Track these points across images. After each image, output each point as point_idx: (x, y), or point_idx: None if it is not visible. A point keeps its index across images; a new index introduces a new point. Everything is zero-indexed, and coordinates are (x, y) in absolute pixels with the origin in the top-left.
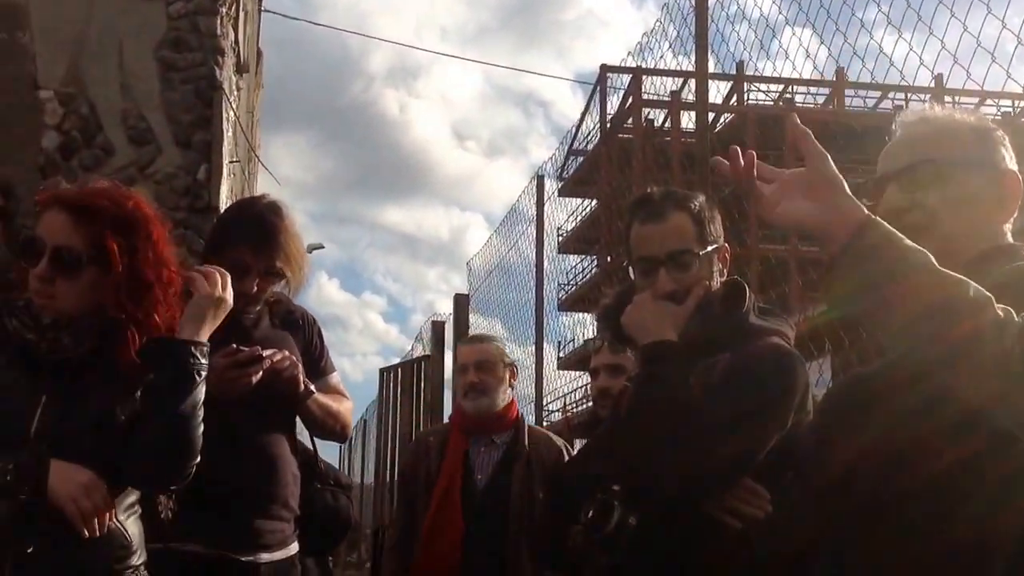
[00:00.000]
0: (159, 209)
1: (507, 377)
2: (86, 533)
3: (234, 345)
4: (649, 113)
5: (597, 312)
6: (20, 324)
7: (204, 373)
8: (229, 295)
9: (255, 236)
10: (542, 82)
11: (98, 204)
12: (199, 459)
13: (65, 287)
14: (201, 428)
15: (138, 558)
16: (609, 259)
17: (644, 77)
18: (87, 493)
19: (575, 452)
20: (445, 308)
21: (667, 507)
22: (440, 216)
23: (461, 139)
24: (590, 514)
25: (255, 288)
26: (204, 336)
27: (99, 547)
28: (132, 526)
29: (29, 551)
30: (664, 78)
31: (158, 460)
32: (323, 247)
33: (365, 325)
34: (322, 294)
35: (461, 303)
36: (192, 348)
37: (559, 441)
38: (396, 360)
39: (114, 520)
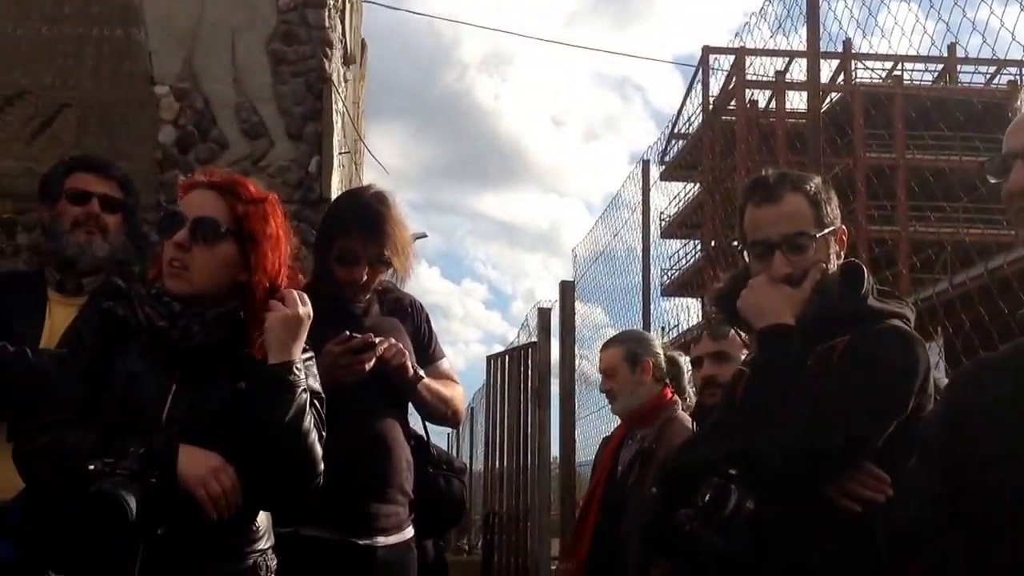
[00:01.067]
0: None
1: (639, 373)
2: (215, 515)
3: (347, 332)
4: (753, 94)
5: (710, 297)
6: (153, 312)
7: (301, 387)
8: (308, 310)
9: (364, 225)
10: (638, 66)
11: (240, 184)
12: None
13: (201, 257)
14: (315, 440)
15: (265, 542)
16: (713, 244)
17: (746, 57)
18: (216, 476)
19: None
20: (546, 294)
21: (785, 491)
22: (538, 203)
23: (557, 125)
24: (706, 499)
25: (365, 277)
26: (296, 354)
27: (228, 530)
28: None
29: (159, 532)
30: (766, 58)
31: (285, 483)
32: (426, 236)
33: (467, 312)
34: (423, 282)
35: (567, 290)
36: (288, 368)
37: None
38: (499, 347)
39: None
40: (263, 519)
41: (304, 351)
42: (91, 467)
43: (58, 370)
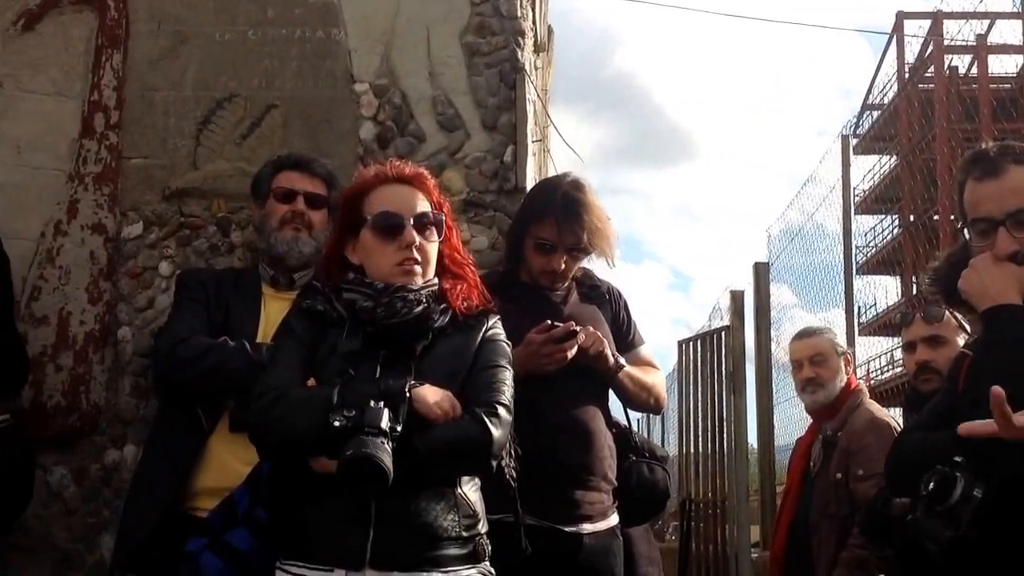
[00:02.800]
0: (470, 193)
1: (842, 366)
2: (437, 413)
3: (548, 321)
4: (952, 60)
5: (928, 276)
6: (357, 295)
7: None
8: None
9: (561, 213)
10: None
11: (428, 179)
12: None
13: (427, 250)
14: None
15: (483, 526)
16: (912, 218)
17: (943, 22)
18: (448, 399)
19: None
20: (727, 275)
21: (1016, 478)
22: (713, 181)
23: (732, 101)
24: (929, 487)
25: (562, 265)
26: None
27: (450, 512)
28: (473, 495)
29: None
30: (963, 22)
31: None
32: (609, 219)
33: (648, 295)
34: (601, 266)
35: (761, 272)
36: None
37: (887, 422)
38: (683, 330)
39: (460, 489)
40: (479, 503)
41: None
42: (335, 423)
43: (273, 357)
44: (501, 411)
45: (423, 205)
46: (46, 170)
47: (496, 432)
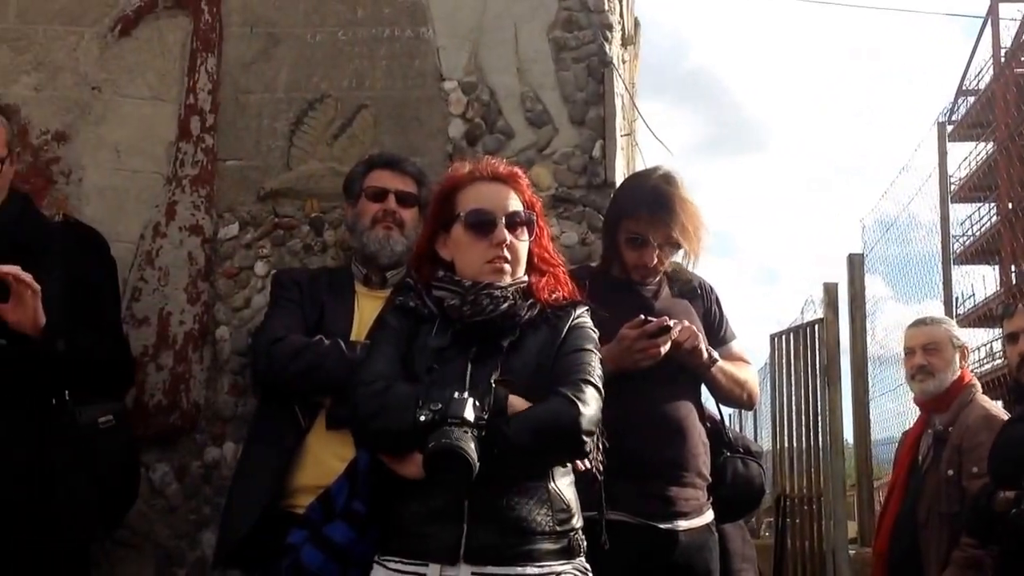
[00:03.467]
0: (559, 188)
1: (956, 359)
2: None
3: (642, 316)
4: None
5: None
6: (445, 292)
7: None
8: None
9: (652, 208)
10: (908, 20)
11: (521, 178)
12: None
13: (517, 248)
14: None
15: (577, 521)
16: (1010, 206)
17: None
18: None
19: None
20: (812, 269)
21: None
22: (795, 172)
23: (812, 90)
24: None
25: (655, 260)
26: None
27: (543, 506)
28: (568, 490)
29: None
30: None
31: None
32: (702, 213)
33: (736, 289)
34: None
35: (855, 263)
36: None
37: (1002, 418)
38: (772, 324)
39: (553, 484)
40: (573, 499)
41: None
42: (421, 417)
43: (371, 350)
44: (588, 389)
45: (515, 204)
46: (144, 173)
47: (585, 409)
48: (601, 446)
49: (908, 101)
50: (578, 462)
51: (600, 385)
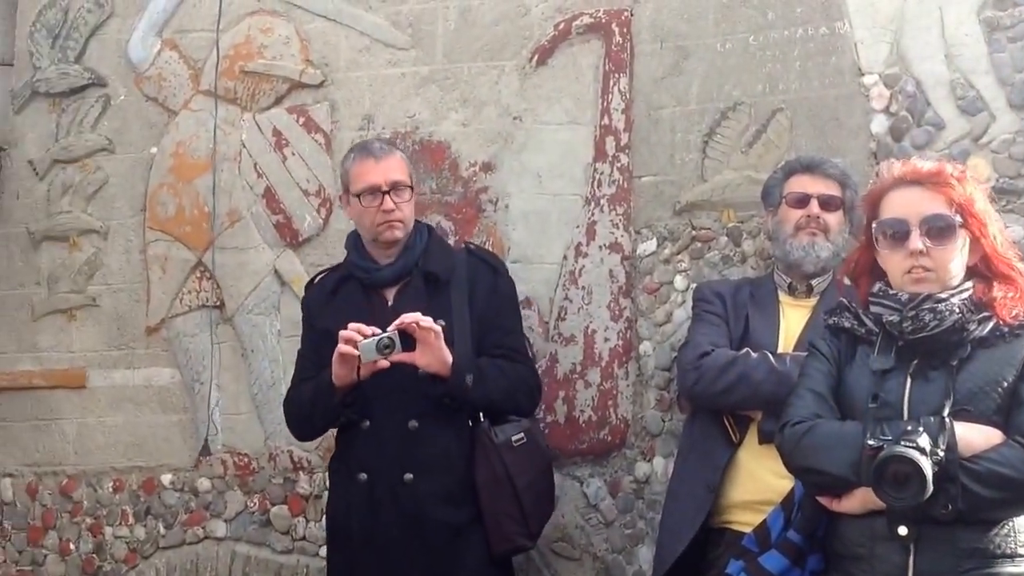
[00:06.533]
0: (1000, 179)
1: None
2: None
3: None
4: None
5: None
6: (882, 308)
7: None
8: None
9: None
10: None
11: (948, 176)
12: None
13: (940, 257)
14: None
15: None
16: None
17: None
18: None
19: None
20: None
21: None
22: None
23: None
24: None
25: None
26: None
27: (1003, 525)
28: None
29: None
30: None
31: None
32: None
33: None
34: None
35: None
36: None
37: None
38: None
39: None
40: None
41: None
42: (869, 442)
43: (800, 382)
44: None
45: (934, 207)
46: (564, 196)
47: None
48: None
49: None
50: None
51: None
